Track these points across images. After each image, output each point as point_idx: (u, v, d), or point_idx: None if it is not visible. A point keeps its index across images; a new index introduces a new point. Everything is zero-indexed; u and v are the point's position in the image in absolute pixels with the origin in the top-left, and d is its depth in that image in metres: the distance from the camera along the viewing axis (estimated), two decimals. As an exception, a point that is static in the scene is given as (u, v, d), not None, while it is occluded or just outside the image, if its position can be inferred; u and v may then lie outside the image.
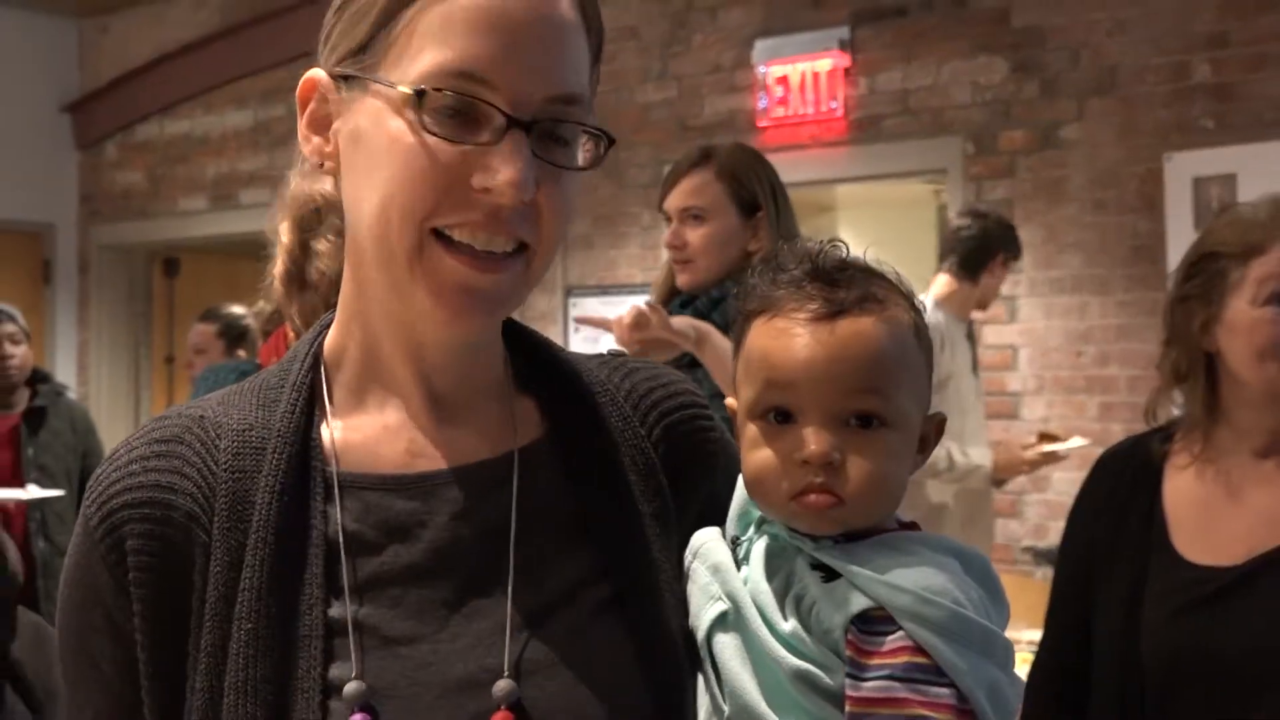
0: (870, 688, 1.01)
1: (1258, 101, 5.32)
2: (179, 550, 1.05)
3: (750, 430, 1.11)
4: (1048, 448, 4.56)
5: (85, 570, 1.07)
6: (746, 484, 1.13)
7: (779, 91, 6.49)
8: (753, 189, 2.73)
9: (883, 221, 9.04)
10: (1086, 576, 2.15)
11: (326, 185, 1.21)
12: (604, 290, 6.87)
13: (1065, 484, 5.49)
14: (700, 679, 1.11)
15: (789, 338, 1.09)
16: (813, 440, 1.07)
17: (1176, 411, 2.17)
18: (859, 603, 1.04)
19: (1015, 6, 5.88)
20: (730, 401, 1.16)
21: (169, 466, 1.07)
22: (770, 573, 1.09)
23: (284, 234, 1.26)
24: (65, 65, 9.07)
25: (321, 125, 1.12)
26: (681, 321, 2.55)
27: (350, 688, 1.01)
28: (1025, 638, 3.78)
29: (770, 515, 1.12)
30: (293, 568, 1.04)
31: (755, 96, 6.57)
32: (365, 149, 1.06)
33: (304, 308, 1.23)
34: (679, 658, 1.10)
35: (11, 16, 8.73)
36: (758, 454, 1.10)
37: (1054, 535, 5.43)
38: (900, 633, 1.02)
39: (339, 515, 1.08)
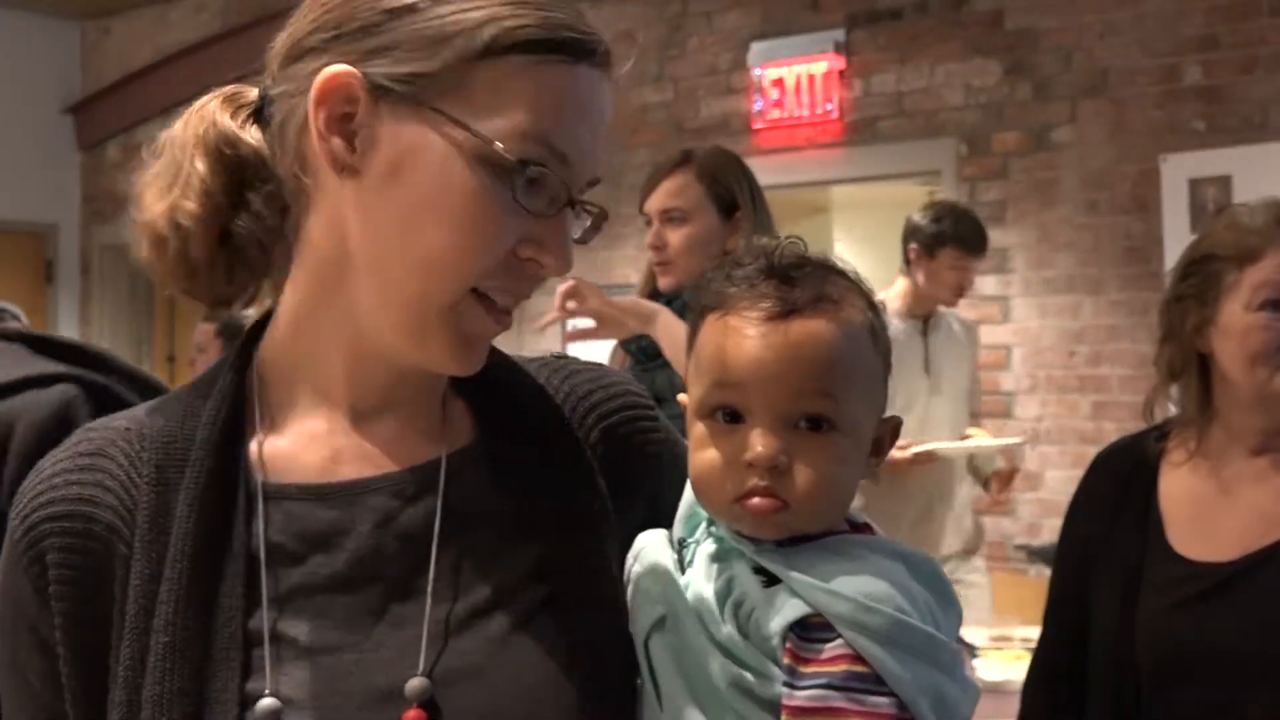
0: (805, 696, 0.98)
1: (1247, 104, 5.36)
2: (100, 563, 1.03)
3: (698, 429, 1.08)
4: (929, 446, 4.41)
5: (11, 583, 1.06)
6: (692, 484, 1.10)
7: (774, 94, 6.53)
8: (731, 189, 2.76)
9: (877, 223, 9.02)
10: (1083, 575, 2.16)
11: (250, 133, 1.10)
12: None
13: (1058, 482, 5.53)
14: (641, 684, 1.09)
15: (739, 337, 1.06)
16: (759, 442, 1.03)
17: (1174, 409, 2.18)
18: (797, 610, 1.00)
19: (1008, 9, 5.92)
20: (683, 398, 1.12)
21: (91, 479, 1.05)
22: (712, 576, 1.06)
23: (200, 164, 1.09)
24: (67, 67, 9.10)
25: (345, 128, 1.04)
26: (627, 301, 2.59)
27: (263, 704, 0.99)
28: (1019, 635, 3.81)
29: (714, 517, 1.09)
30: (211, 580, 1.03)
31: (751, 99, 6.61)
32: (414, 183, 1.02)
33: (212, 260, 1.10)
34: (614, 662, 1.08)
35: (14, 18, 8.76)
36: (703, 454, 1.07)
37: (1046, 533, 5.47)
38: (839, 640, 0.98)
39: (262, 526, 1.06)
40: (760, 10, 6.62)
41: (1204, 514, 2.07)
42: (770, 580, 1.03)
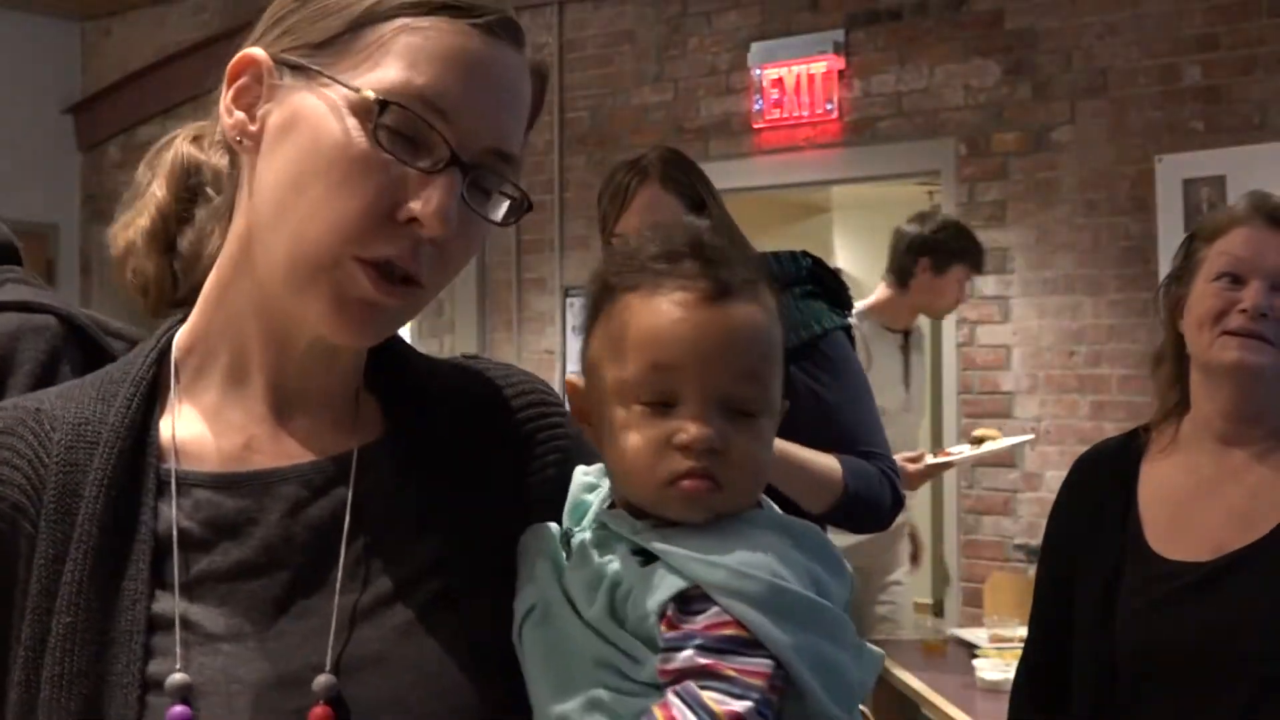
0: (682, 658, 0.98)
1: (1246, 104, 5.37)
2: (3, 541, 1.04)
3: (622, 414, 1.07)
4: (947, 454, 4.40)
5: None
6: (615, 470, 1.09)
7: (774, 94, 6.53)
8: (695, 188, 2.75)
9: (877, 223, 9.04)
10: (1067, 574, 2.17)
11: (215, 158, 1.18)
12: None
13: (1057, 482, 5.45)
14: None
15: (676, 319, 1.05)
16: (696, 426, 1.03)
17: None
18: (674, 584, 1.01)
19: (1008, 10, 5.93)
20: (572, 379, 1.13)
21: None
22: (589, 563, 1.06)
23: (158, 189, 1.18)
24: (68, 67, 9.10)
25: (248, 104, 1.09)
26: None
27: (172, 680, 1.00)
28: (1019, 635, 3.82)
29: (639, 502, 1.07)
30: (117, 563, 1.03)
31: (751, 99, 6.62)
32: (297, 142, 1.05)
33: (152, 271, 1.17)
34: (509, 653, 1.09)
35: (14, 19, 8.77)
36: (630, 438, 1.06)
37: (1045, 533, 5.48)
38: (716, 608, 0.99)
39: (172, 512, 1.07)
40: (760, 10, 6.62)
41: (1181, 513, 2.08)
42: (646, 560, 1.03)
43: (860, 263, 8.40)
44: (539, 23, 7.27)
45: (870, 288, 4.92)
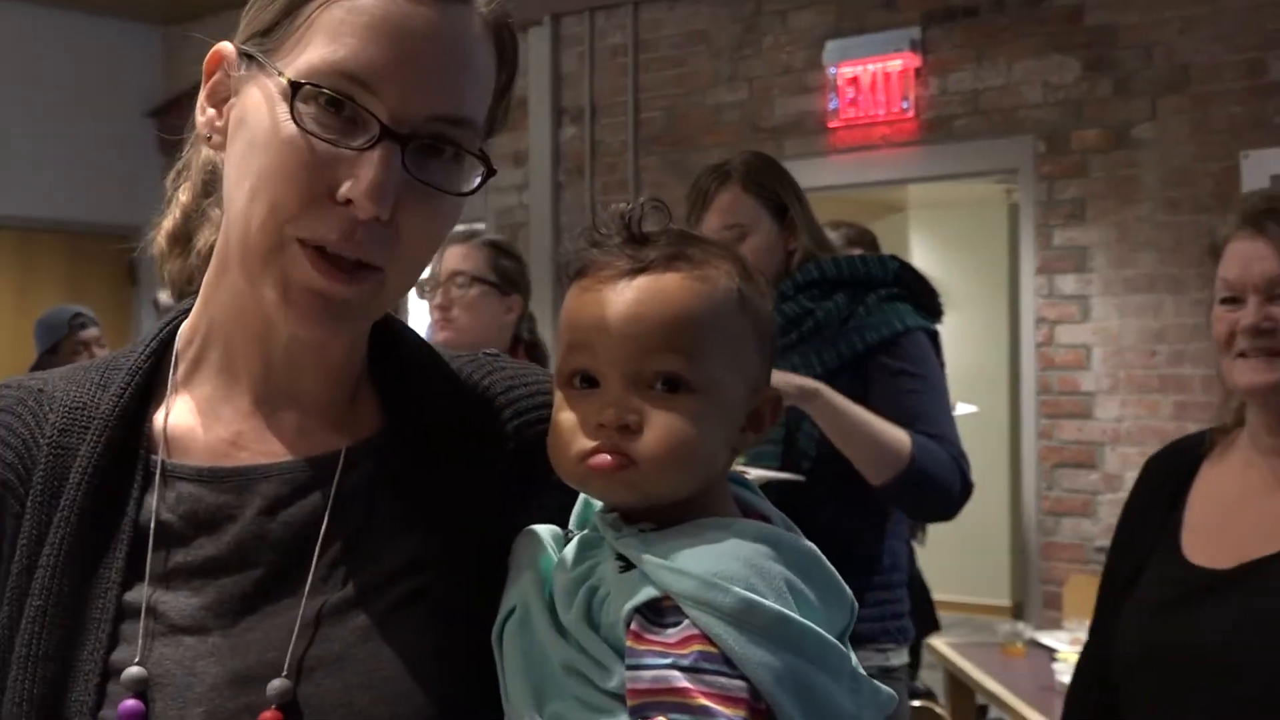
0: (650, 678, 0.93)
1: (1333, 99, 5.28)
2: None
3: (557, 396, 1.05)
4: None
5: None
6: (548, 449, 1.06)
7: (850, 92, 6.50)
8: (778, 192, 2.77)
9: (954, 222, 9.02)
10: (1120, 575, 2.16)
11: None
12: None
13: (1138, 484, 5.45)
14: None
15: (587, 297, 1.04)
16: (609, 401, 1.01)
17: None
18: (645, 592, 0.96)
19: (1087, 5, 5.86)
20: None
21: None
22: (574, 566, 1.03)
23: (183, 193, 1.20)
24: (149, 71, 9.25)
25: (220, 99, 1.09)
26: (780, 379, 2.55)
27: (128, 673, 1.00)
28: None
29: (565, 481, 1.05)
30: (94, 550, 1.04)
31: (826, 97, 6.59)
32: (247, 132, 1.04)
33: (177, 270, 1.19)
34: (482, 656, 1.06)
35: (97, 24, 8.93)
36: (558, 418, 1.04)
37: (1126, 535, 5.41)
38: (687, 622, 0.94)
39: (155, 503, 1.07)
40: (835, 8, 6.59)
41: (1221, 520, 2.05)
42: (629, 566, 1.00)
43: (937, 262, 8.35)
44: (613, 23, 7.29)
45: (947, 287, 4.89)
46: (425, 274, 3.25)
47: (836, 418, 2.49)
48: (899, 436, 2.52)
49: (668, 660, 0.93)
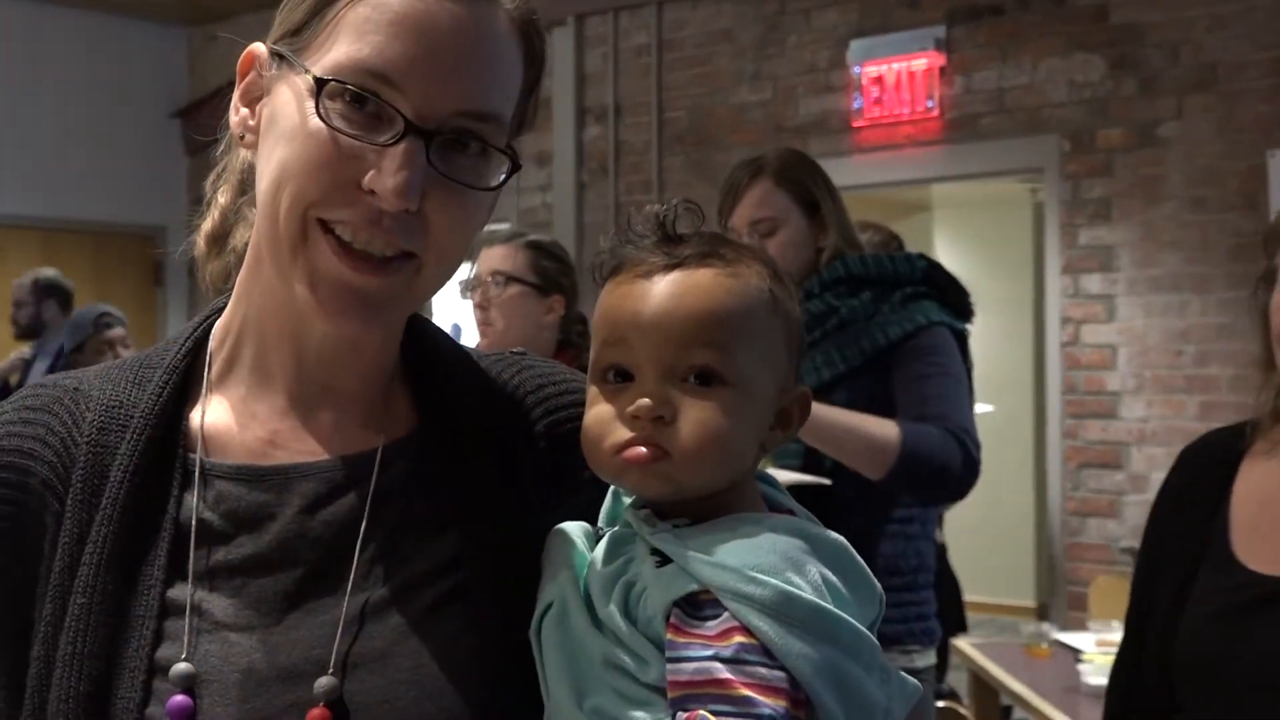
0: (692, 670, 0.95)
1: (1361, 97, 5.24)
2: (32, 517, 1.05)
3: (591, 391, 1.07)
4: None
5: None
6: (582, 444, 1.08)
7: (874, 91, 6.50)
8: (809, 188, 2.76)
9: (978, 221, 8.99)
10: (1153, 575, 2.09)
11: None
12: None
13: (1164, 484, 5.42)
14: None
15: (623, 293, 1.05)
16: (643, 394, 1.02)
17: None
18: (684, 586, 0.98)
19: (1113, 4, 5.84)
20: None
21: (31, 434, 1.08)
22: (608, 562, 1.04)
23: (222, 195, 1.23)
24: (175, 72, 9.30)
25: (254, 99, 1.11)
26: None
27: (176, 669, 1.00)
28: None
29: (601, 476, 1.07)
30: (136, 548, 1.04)
31: (850, 96, 6.58)
32: (276, 130, 1.06)
33: (217, 270, 1.21)
34: (521, 652, 1.07)
35: (123, 25, 8.97)
36: (592, 412, 1.06)
37: (1152, 535, 5.38)
38: (727, 614, 0.96)
39: (195, 501, 1.07)
40: (859, 7, 6.59)
41: (1271, 520, 1.97)
42: (663, 561, 1.01)
43: (961, 262, 8.33)
44: (637, 23, 7.29)
45: (972, 287, 4.88)
46: (467, 274, 3.26)
47: (815, 428, 2.46)
48: (885, 428, 2.51)
49: (709, 652, 0.95)
